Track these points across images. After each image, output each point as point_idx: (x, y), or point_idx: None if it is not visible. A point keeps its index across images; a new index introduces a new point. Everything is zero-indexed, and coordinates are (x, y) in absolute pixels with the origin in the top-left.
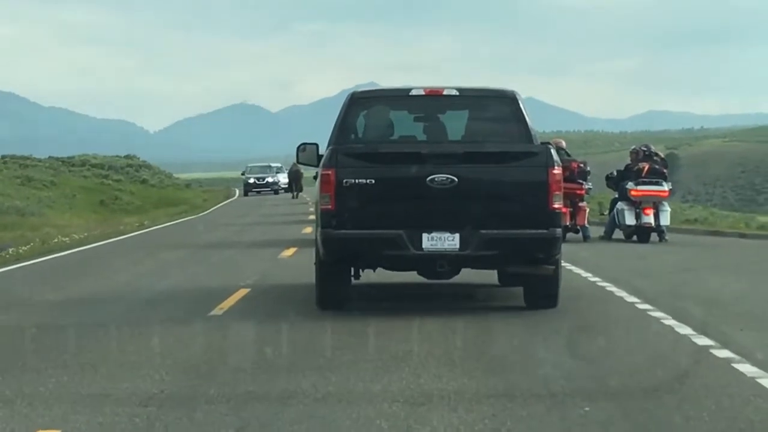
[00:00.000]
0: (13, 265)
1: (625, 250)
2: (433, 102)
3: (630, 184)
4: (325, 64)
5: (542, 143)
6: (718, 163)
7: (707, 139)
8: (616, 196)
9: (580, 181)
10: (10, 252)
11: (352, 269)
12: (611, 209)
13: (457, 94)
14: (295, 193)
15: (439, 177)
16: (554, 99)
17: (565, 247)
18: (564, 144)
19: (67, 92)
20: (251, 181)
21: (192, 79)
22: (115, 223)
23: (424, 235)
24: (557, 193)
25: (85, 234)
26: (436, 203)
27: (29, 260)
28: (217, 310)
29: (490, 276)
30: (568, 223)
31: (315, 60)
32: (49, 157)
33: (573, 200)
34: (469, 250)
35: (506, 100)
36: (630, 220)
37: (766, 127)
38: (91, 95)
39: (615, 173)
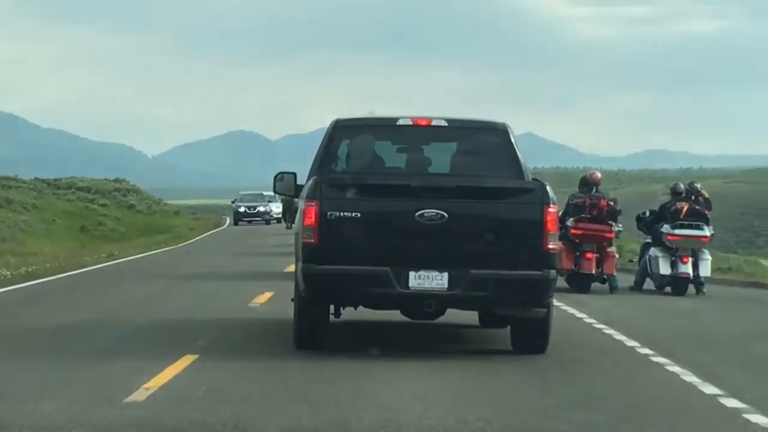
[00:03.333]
0: None
1: (662, 306)
2: (419, 132)
3: (666, 228)
4: (325, 93)
5: (534, 179)
6: (717, 205)
7: (707, 179)
8: (648, 240)
9: (610, 222)
10: None
11: (332, 307)
12: (641, 255)
13: (446, 124)
14: (288, 224)
15: (429, 212)
16: (553, 134)
17: (593, 301)
18: (599, 176)
19: (66, 114)
20: (241, 209)
21: (192, 105)
22: (88, 252)
23: (411, 273)
24: (552, 232)
25: (44, 264)
26: (424, 240)
27: None
28: (140, 392)
29: (470, 315)
30: (593, 272)
31: (315, 89)
32: (35, 178)
33: (600, 245)
34: (458, 290)
35: (497, 132)
36: (665, 269)
37: (765, 168)
38: (91, 118)
39: (647, 213)
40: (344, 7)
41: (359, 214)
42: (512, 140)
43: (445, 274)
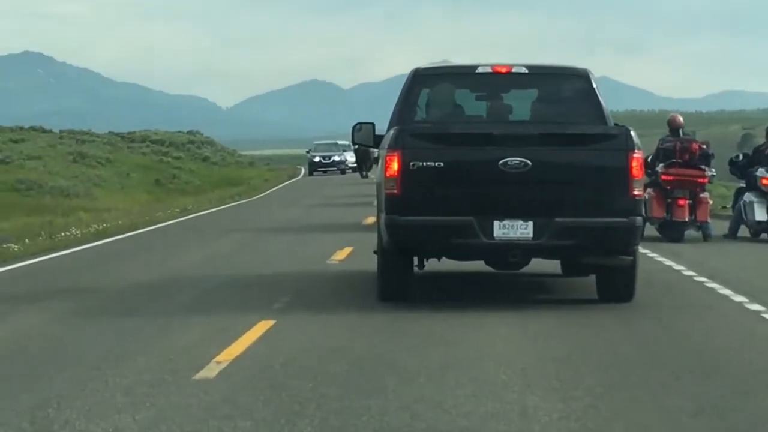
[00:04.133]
0: None
1: (763, 255)
2: (499, 80)
3: (761, 171)
4: (398, 41)
5: (618, 125)
6: None
7: None
8: (743, 185)
9: (703, 166)
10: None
11: (417, 258)
12: (735, 202)
13: (526, 71)
14: (364, 173)
15: (513, 161)
16: (625, 78)
17: (688, 251)
18: (681, 120)
19: (139, 68)
20: (316, 159)
21: (265, 56)
22: (162, 206)
23: (496, 223)
24: (638, 178)
25: (116, 221)
26: (508, 189)
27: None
28: (210, 367)
29: (552, 265)
30: (686, 219)
31: (388, 37)
32: (109, 132)
33: (693, 191)
34: (543, 240)
35: (578, 78)
36: (761, 215)
37: None
38: (165, 72)
39: (741, 157)
40: None
41: (442, 164)
42: (594, 86)
43: (530, 223)
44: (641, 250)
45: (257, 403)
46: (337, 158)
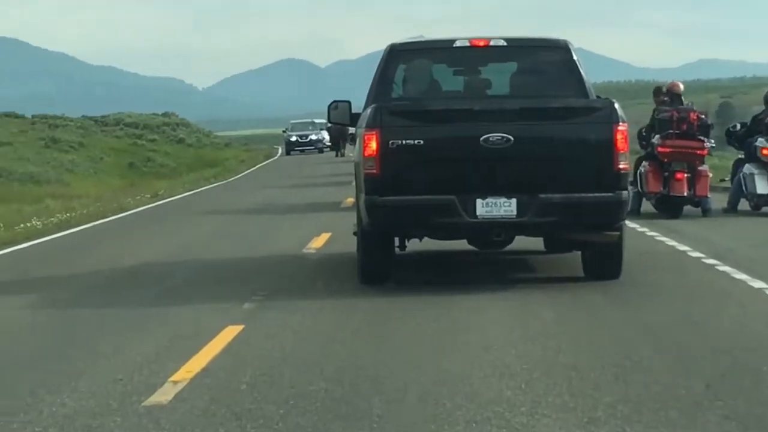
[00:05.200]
0: None
1: None
2: (477, 54)
3: (761, 141)
4: (372, 18)
5: (600, 98)
6: None
7: (762, 87)
8: (741, 156)
9: (701, 137)
10: None
11: (397, 239)
12: (734, 174)
13: (505, 44)
14: (341, 151)
15: (494, 136)
16: (602, 49)
17: (688, 228)
18: (681, 88)
19: (114, 51)
20: (293, 139)
21: (240, 35)
22: (134, 191)
23: (478, 201)
24: (623, 152)
25: (83, 210)
26: (490, 165)
27: None
28: (165, 389)
29: (531, 242)
30: (685, 193)
31: (363, 15)
32: (82, 116)
33: (692, 164)
34: (527, 217)
35: (558, 49)
36: (762, 187)
37: None
38: (140, 53)
39: (738, 126)
40: None
41: (422, 142)
42: (574, 57)
43: (513, 201)
44: (639, 228)
45: None
46: (314, 137)
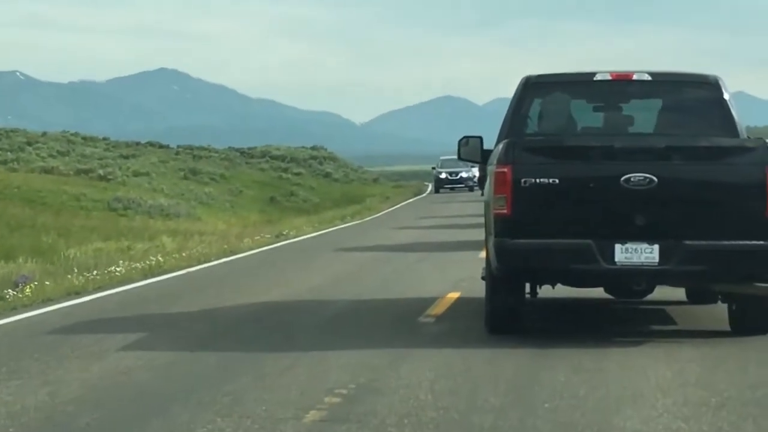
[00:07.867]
0: None
1: None
2: (618, 89)
3: None
4: (533, 59)
5: (752, 137)
6: None
7: None
8: None
9: None
10: (10, 295)
11: (528, 285)
12: None
13: (649, 78)
14: (483, 191)
15: (636, 177)
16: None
17: None
18: None
19: (274, 85)
20: (443, 176)
21: (399, 72)
22: (265, 228)
23: (617, 246)
24: None
25: (180, 254)
26: (631, 208)
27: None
28: None
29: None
30: None
31: (522, 55)
32: (228, 147)
33: None
34: (671, 265)
35: (707, 86)
36: None
37: None
38: (299, 88)
39: None
40: None
41: (557, 181)
42: (725, 95)
43: (656, 247)
44: None
45: None
46: (464, 174)
